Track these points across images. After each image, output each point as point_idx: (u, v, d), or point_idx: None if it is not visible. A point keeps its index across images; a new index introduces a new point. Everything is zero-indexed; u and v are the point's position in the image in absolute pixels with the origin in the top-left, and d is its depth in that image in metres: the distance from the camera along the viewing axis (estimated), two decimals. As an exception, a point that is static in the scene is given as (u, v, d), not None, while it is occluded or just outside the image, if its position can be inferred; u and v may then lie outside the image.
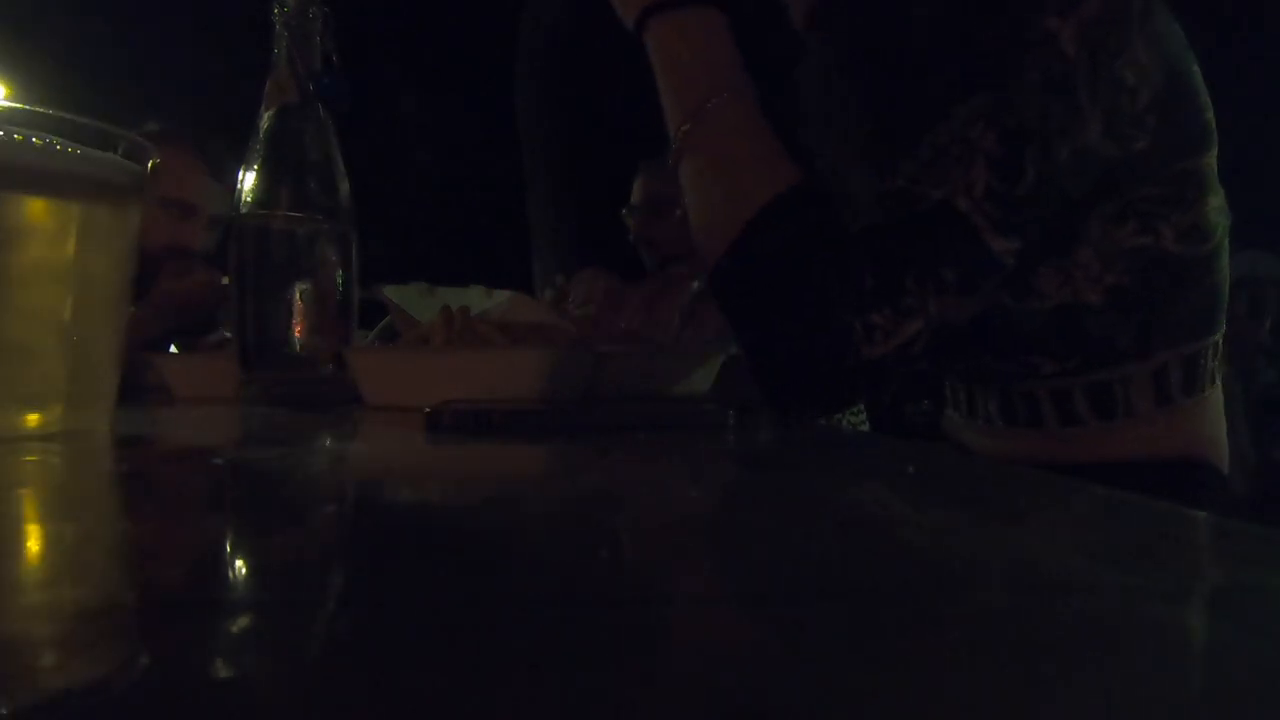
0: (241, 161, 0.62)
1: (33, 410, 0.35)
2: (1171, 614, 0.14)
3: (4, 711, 0.09)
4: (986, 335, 0.56)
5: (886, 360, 0.49)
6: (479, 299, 0.69)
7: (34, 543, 0.19)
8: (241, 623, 0.13)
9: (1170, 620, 0.14)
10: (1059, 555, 0.19)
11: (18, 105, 0.35)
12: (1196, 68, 0.56)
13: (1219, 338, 0.59)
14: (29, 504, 0.24)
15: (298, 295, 0.60)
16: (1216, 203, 0.57)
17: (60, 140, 0.36)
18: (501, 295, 0.71)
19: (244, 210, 0.61)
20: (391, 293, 0.70)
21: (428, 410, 0.41)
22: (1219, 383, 0.61)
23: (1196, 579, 0.17)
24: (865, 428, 1.03)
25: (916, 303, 0.48)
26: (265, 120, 0.62)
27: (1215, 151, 0.57)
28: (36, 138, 0.35)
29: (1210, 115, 0.56)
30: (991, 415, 0.63)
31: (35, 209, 0.36)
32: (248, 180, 0.61)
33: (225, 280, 0.75)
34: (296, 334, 0.60)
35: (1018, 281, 0.53)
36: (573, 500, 0.26)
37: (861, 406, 1.03)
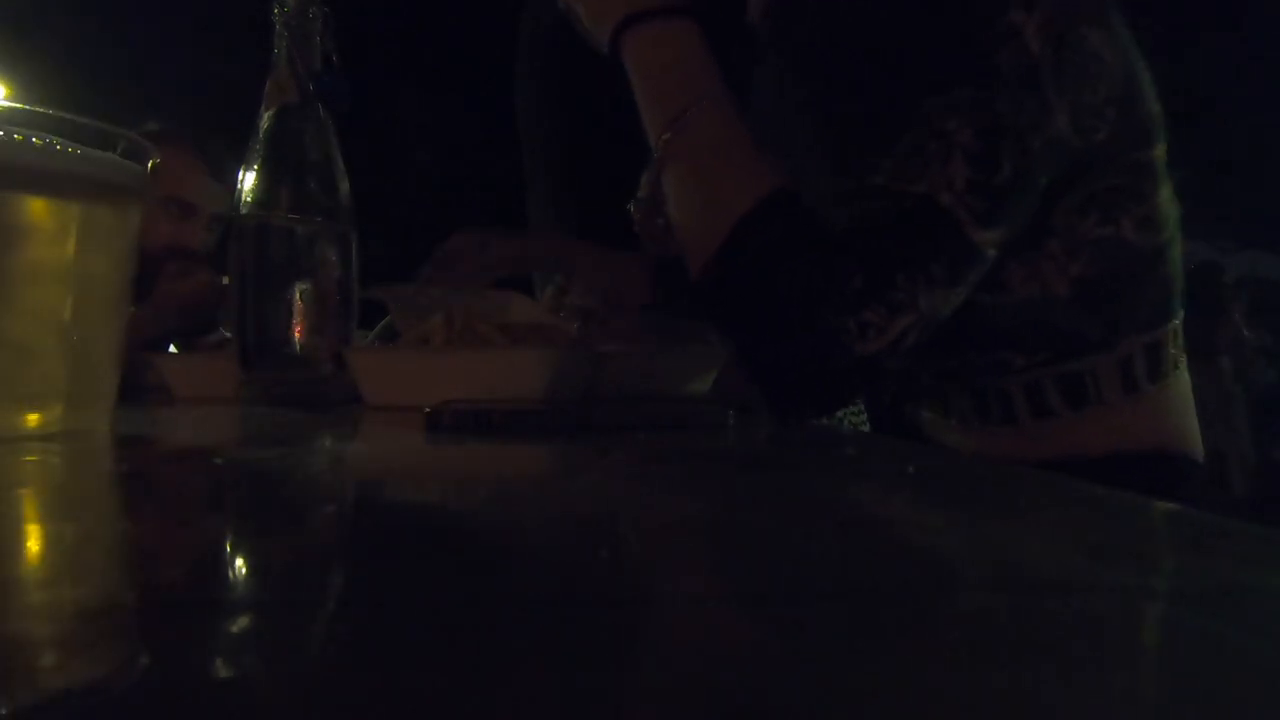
0: (241, 161, 0.62)
1: (33, 410, 0.35)
2: (1171, 614, 0.14)
3: (4, 711, 0.09)
4: (959, 333, 0.57)
5: (880, 356, 0.49)
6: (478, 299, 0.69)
7: (34, 543, 0.19)
8: (241, 623, 0.13)
9: (1170, 620, 0.14)
10: (1059, 555, 0.19)
11: (18, 105, 0.35)
12: (1143, 63, 0.59)
13: (1178, 324, 0.62)
14: (29, 504, 0.24)
15: (298, 295, 0.60)
16: (1167, 194, 0.60)
17: (60, 140, 0.36)
18: (501, 295, 0.71)
19: (244, 210, 0.61)
20: (391, 293, 0.70)
21: (428, 410, 0.41)
22: (1182, 369, 0.63)
23: (1196, 579, 0.17)
24: (865, 428, 1.03)
25: (907, 298, 0.49)
26: (265, 120, 0.62)
27: (1165, 144, 0.59)
28: (36, 138, 0.35)
29: (1158, 109, 0.59)
30: (966, 414, 0.64)
31: (35, 209, 0.36)
32: (248, 180, 0.61)
33: (225, 280, 0.75)
34: (296, 334, 0.60)
35: (988, 276, 0.54)
36: (573, 500, 0.26)
37: (862, 407, 1.03)
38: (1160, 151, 0.59)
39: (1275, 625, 0.14)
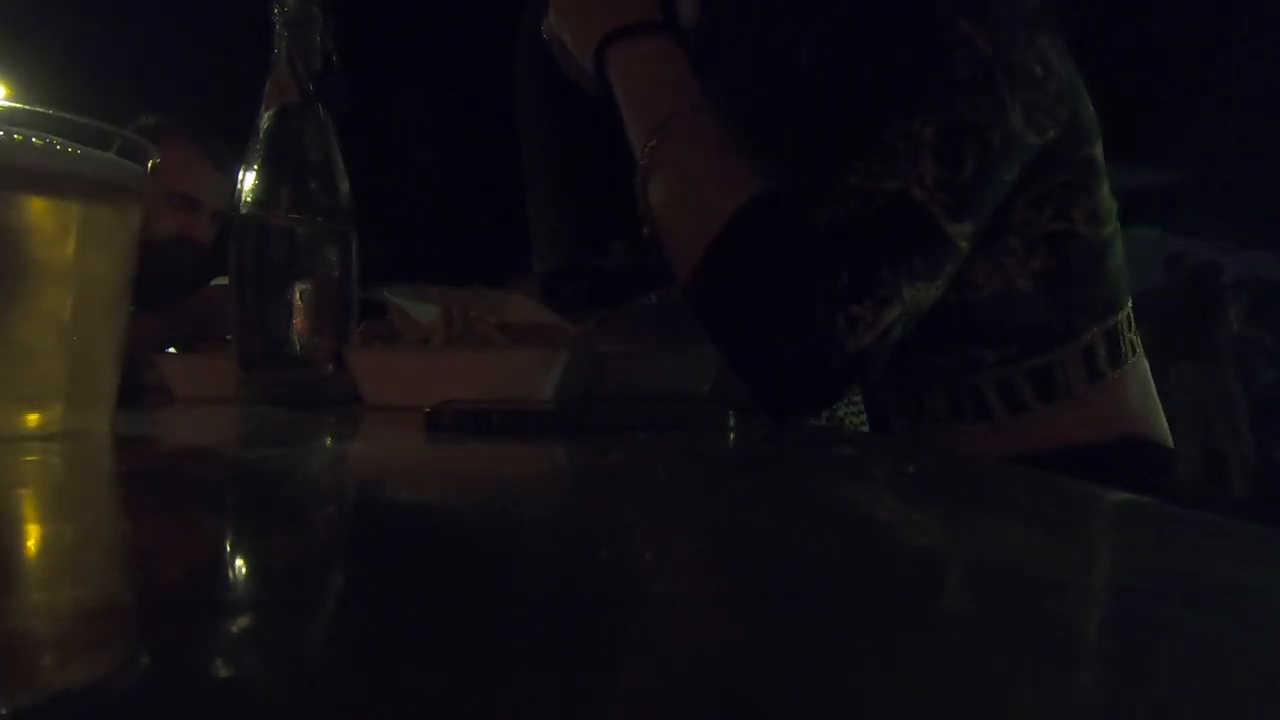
0: (242, 160, 0.62)
1: (33, 410, 0.35)
2: (1171, 614, 0.14)
3: (4, 711, 0.09)
4: (932, 332, 0.58)
5: (870, 351, 0.51)
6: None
7: (34, 543, 0.19)
8: (241, 623, 0.13)
9: (1170, 620, 0.14)
10: (1059, 555, 0.19)
11: (18, 105, 0.35)
12: (1076, 69, 0.62)
13: (1130, 311, 0.65)
14: (29, 504, 0.24)
15: (298, 295, 0.60)
16: (1107, 189, 0.63)
17: (60, 140, 0.36)
18: (500, 296, 0.70)
19: (244, 210, 0.61)
20: (391, 293, 0.70)
21: (428, 410, 0.41)
22: (1140, 355, 0.65)
23: (1196, 579, 0.17)
24: (865, 428, 1.03)
25: (892, 291, 0.50)
26: (265, 120, 0.62)
27: (1101, 143, 0.63)
28: (36, 138, 0.35)
29: (1093, 110, 0.62)
30: (940, 414, 0.65)
31: (35, 209, 0.36)
32: (248, 180, 0.61)
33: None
34: (296, 334, 0.60)
35: (956, 274, 0.55)
36: (573, 500, 0.26)
37: (862, 407, 1.03)
38: (1099, 149, 0.62)
39: (1275, 625, 0.14)
